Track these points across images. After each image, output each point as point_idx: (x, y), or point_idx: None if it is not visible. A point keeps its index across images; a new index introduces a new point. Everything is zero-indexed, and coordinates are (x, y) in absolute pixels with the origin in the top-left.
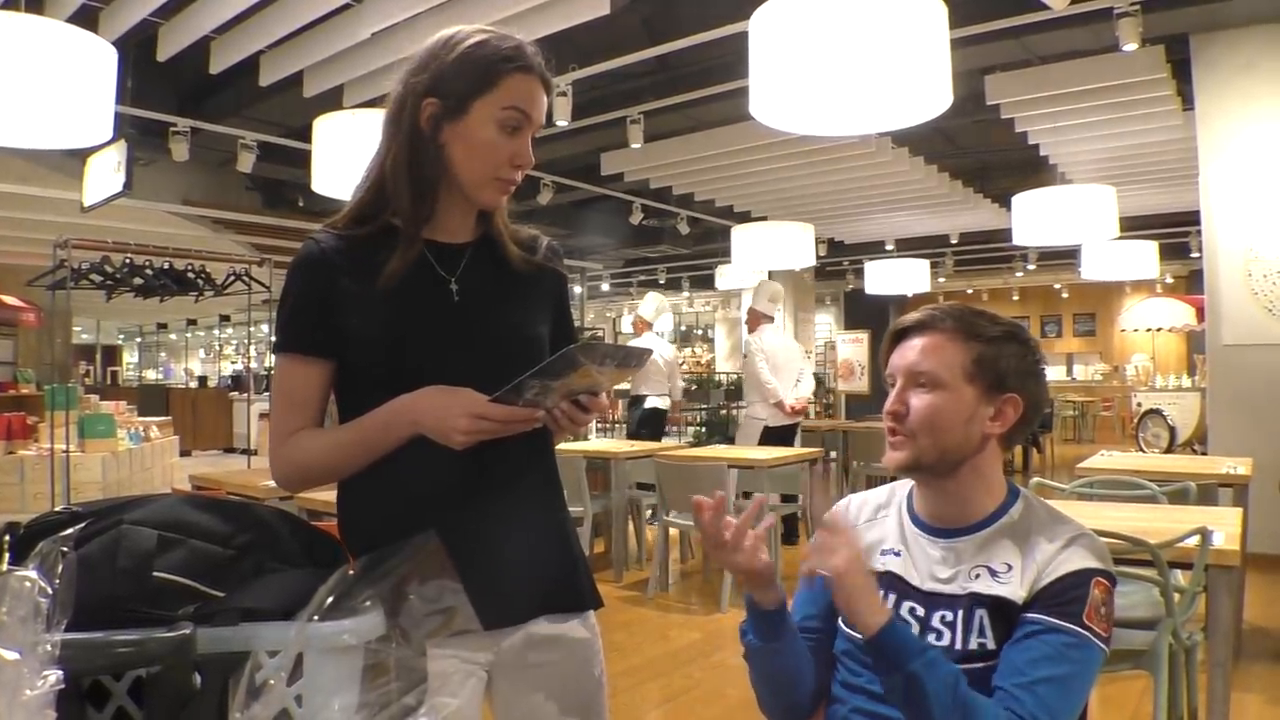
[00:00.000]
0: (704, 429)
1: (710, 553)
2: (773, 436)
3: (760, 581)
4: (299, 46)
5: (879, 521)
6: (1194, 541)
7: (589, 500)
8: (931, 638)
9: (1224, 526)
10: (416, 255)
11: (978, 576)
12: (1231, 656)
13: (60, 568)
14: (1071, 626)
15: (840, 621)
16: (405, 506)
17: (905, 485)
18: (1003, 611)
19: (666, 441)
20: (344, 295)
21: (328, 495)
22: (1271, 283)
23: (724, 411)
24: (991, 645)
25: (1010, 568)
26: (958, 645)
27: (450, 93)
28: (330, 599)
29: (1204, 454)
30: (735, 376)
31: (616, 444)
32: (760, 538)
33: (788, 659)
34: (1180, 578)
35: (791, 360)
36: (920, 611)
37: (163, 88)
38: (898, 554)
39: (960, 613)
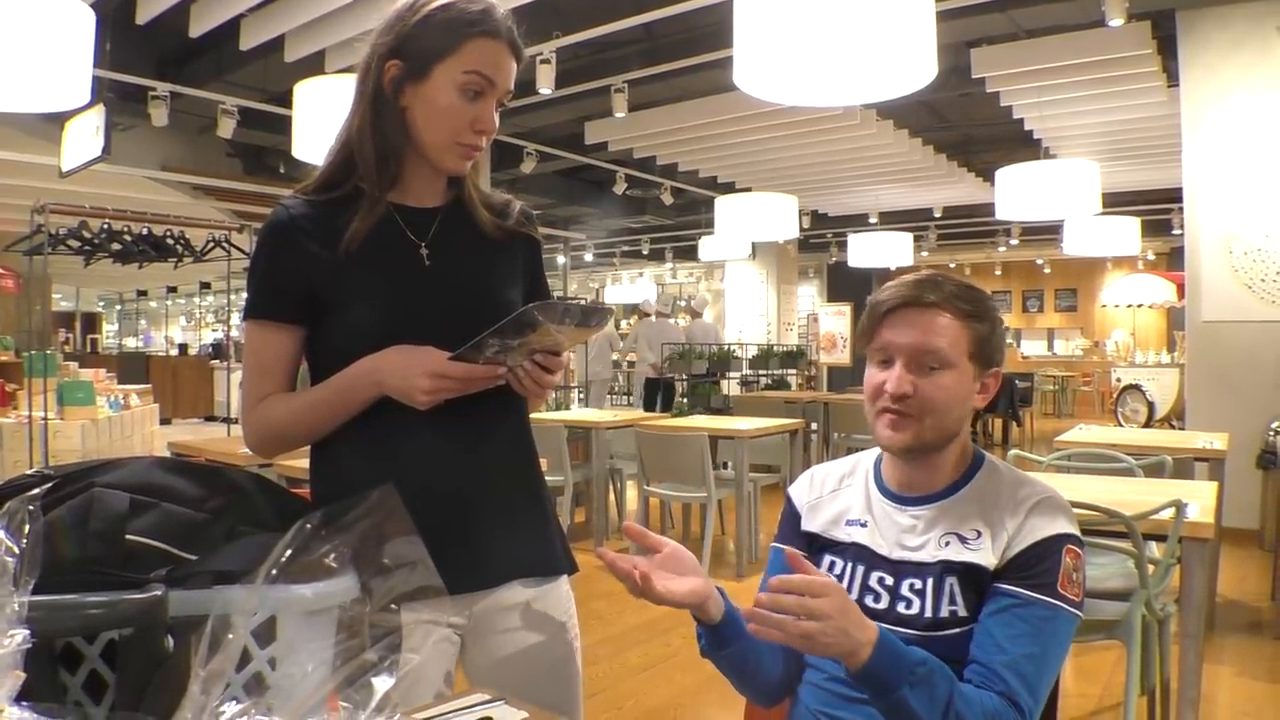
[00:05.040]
0: (685, 399)
1: (636, 596)
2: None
3: (693, 606)
4: (280, 10)
5: (843, 491)
6: (1169, 514)
7: (570, 470)
8: (901, 606)
9: (1199, 500)
10: (380, 217)
11: (948, 544)
12: (1204, 628)
13: (28, 527)
14: (1046, 599)
15: None
16: (376, 470)
17: (872, 454)
18: (973, 578)
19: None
20: (313, 261)
21: (307, 462)
22: (1252, 260)
23: (706, 383)
24: (963, 612)
25: (979, 534)
26: (928, 613)
27: (412, 55)
28: (289, 553)
29: (1182, 429)
30: (717, 348)
31: (598, 413)
32: (664, 571)
33: (748, 655)
34: (1155, 550)
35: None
36: (889, 580)
37: (142, 51)
38: (864, 524)
39: (930, 580)
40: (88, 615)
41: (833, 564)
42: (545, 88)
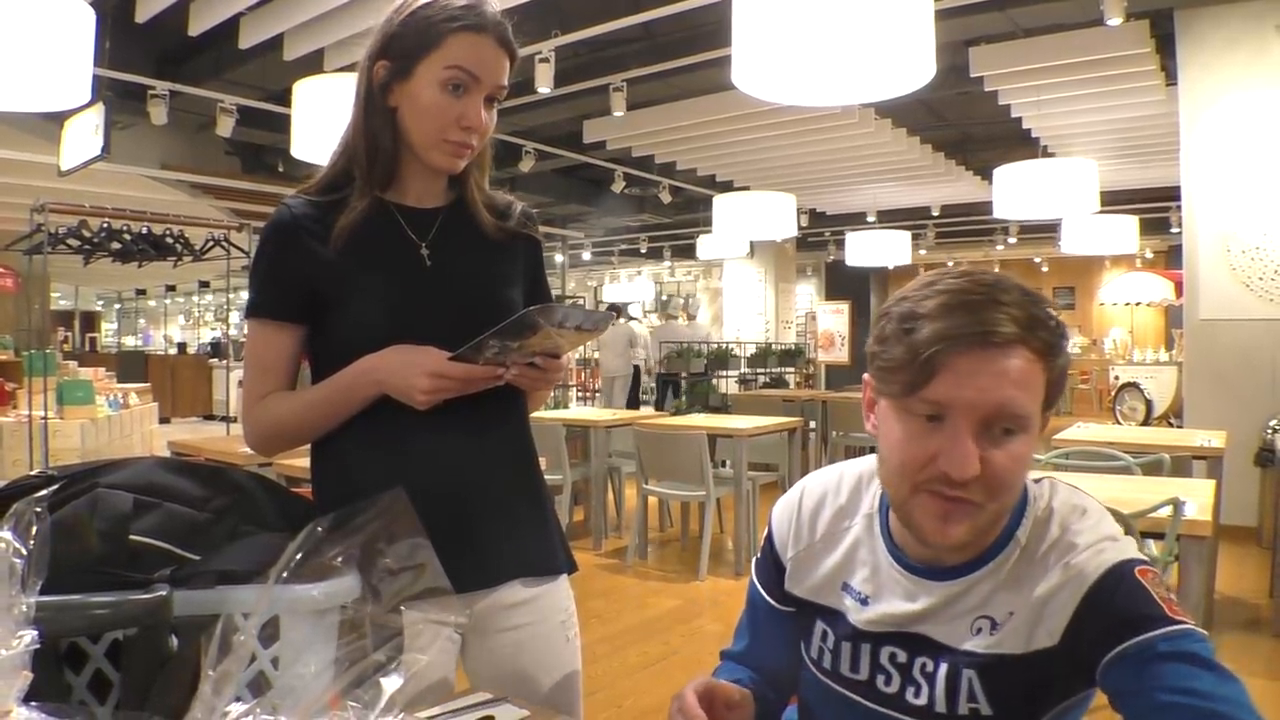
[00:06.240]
0: (683, 398)
1: None
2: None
3: None
4: (279, 9)
5: (841, 540)
6: (1167, 512)
7: (568, 468)
8: (910, 693)
9: (1197, 498)
10: (371, 214)
11: (979, 631)
12: (1203, 626)
13: (35, 529)
14: (1167, 630)
15: (805, 657)
16: (377, 467)
17: (875, 483)
18: (999, 669)
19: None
20: (315, 260)
21: (306, 461)
22: (1250, 258)
23: (704, 381)
24: (986, 710)
25: (1012, 614)
26: (939, 707)
27: (398, 54)
28: (299, 555)
29: (1180, 427)
30: (716, 346)
31: (598, 412)
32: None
33: None
34: (1153, 548)
35: (615, 341)
36: (901, 657)
37: (141, 50)
38: (865, 601)
39: (944, 668)
40: (93, 615)
41: (825, 634)
42: (544, 86)
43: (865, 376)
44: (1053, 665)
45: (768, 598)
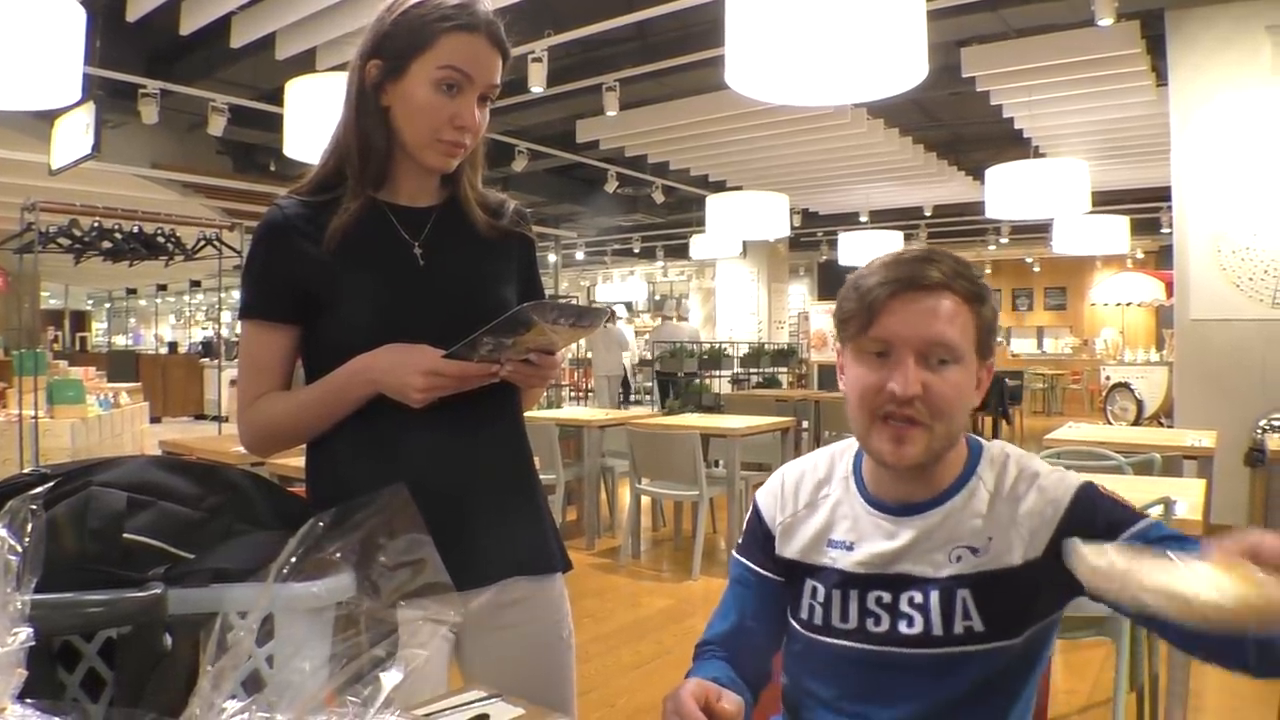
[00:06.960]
0: (680, 398)
1: None
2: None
3: None
4: (271, 8)
5: (821, 505)
6: (1157, 511)
7: (561, 468)
8: (902, 625)
9: (1187, 497)
10: (365, 215)
11: (959, 559)
12: None
13: (30, 526)
14: (1149, 522)
15: (795, 622)
16: (373, 467)
17: (847, 453)
18: (990, 585)
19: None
20: (308, 261)
21: (300, 461)
22: (1240, 258)
23: (697, 380)
24: (980, 627)
25: (991, 539)
26: (936, 630)
27: (390, 53)
28: (300, 550)
29: (1171, 427)
30: (709, 345)
31: (591, 412)
32: None
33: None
34: None
35: (607, 341)
36: (887, 599)
37: (132, 49)
38: (850, 547)
39: (936, 594)
40: (89, 613)
41: (815, 589)
42: (537, 86)
43: (836, 346)
44: (1040, 575)
45: (758, 568)
